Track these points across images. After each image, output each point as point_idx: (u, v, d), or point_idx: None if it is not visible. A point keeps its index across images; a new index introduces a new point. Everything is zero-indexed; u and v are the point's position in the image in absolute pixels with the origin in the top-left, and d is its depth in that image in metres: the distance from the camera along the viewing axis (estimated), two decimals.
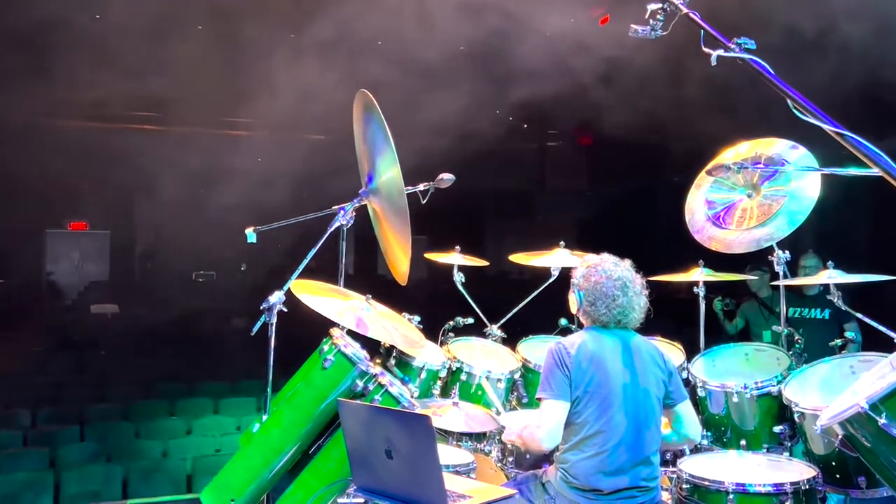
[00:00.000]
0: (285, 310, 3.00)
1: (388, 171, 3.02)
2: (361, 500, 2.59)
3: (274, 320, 2.96)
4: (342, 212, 3.19)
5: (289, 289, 3.14)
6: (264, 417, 2.99)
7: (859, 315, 3.70)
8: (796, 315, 5.92)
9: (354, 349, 3.05)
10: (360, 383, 2.98)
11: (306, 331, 3.35)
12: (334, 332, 3.13)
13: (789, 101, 2.21)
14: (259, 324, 2.95)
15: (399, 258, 3.22)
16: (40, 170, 10.91)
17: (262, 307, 2.94)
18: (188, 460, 7.17)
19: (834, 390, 3.55)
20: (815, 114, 2.13)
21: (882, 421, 2.59)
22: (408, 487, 2.38)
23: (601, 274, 3.20)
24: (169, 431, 8.08)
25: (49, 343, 11.74)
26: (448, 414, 3.62)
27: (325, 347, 3.05)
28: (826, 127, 2.05)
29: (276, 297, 2.98)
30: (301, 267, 3.04)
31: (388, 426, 2.38)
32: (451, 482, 2.65)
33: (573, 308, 3.33)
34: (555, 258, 4.52)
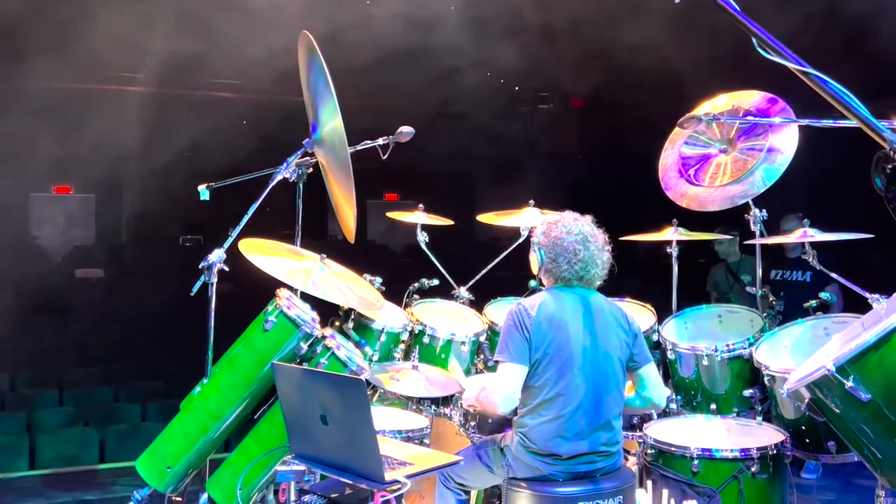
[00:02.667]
0: (226, 269, 2.85)
1: (331, 120, 2.83)
2: (302, 468, 2.46)
3: (214, 280, 2.81)
4: (285, 164, 3.01)
5: (240, 250, 2.99)
6: (205, 381, 2.85)
7: (834, 275, 3.57)
8: (777, 277, 5.80)
9: (299, 311, 2.90)
10: (305, 346, 2.84)
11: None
12: (280, 292, 2.98)
13: (754, 40, 2.04)
14: (198, 284, 2.79)
15: (346, 213, 3.05)
16: (22, 133, 10.69)
17: (200, 266, 2.79)
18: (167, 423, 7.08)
19: (806, 353, 3.43)
20: (780, 52, 1.95)
21: (849, 384, 2.46)
22: (343, 454, 2.25)
23: (561, 229, 3.06)
24: (148, 394, 7.99)
25: (31, 307, 11.62)
26: (407, 378, 3.49)
27: (269, 308, 2.90)
28: (790, 66, 1.88)
29: (216, 256, 2.82)
30: (242, 223, 2.88)
31: (322, 391, 2.25)
32: (395, 449, 2.53)
33: (534, 268, 3.19)
34: (524, 218, 4.35)
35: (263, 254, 3.14)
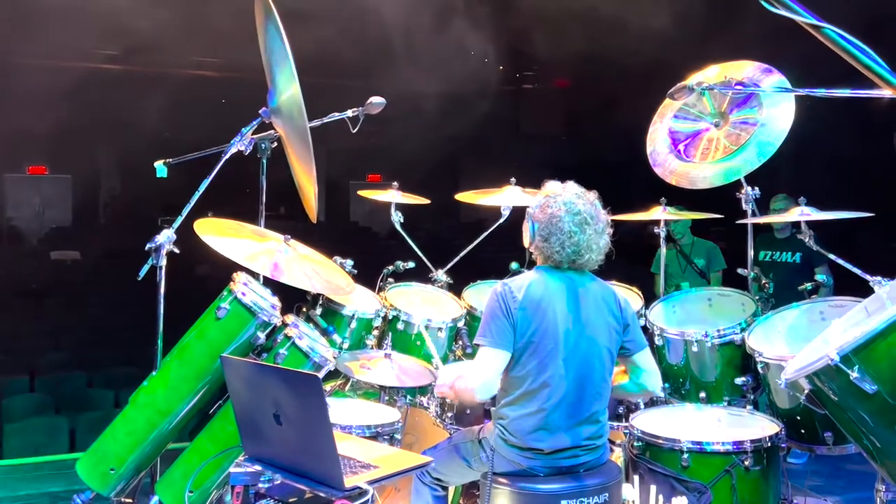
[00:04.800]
0: (177, 251, 2.61)
1: (288, 87, 2.57)
2: (258, 470, 2.24)
3: (163, 263, 2.56)
4: (239, 136, 2.75)
5: (195, 230, 2.76)
6: (154, 374, 2.61)
7: (832, 256, 3.36)
8: (766, 259, 5.64)
9: (255, 297, 2.65)
10: (262, 336, 2.60)
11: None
12: (237, 276, 2.73)
13: None
14: (146, 267, 2.55)
15: (306, 189, 2.80)
16: None
17: (147, 247, 2.54)
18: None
19: (802, 338, 3.25)
20: (787, 4, 1.73)
21: (854, 375, 2.27)
22: (299, 457, 2.03)
23: (560, 206, 2.78)
24: (123, 380, 7.76)
25: (5, 290, 11.32)
26: (379, 367, 3.26)
27: (223, 294, 2.65)
28: (799, 19, 1.65)
29: (165, 237, 2.57)
30: (192, 201, 2.63)
31: (275, 387, 2.02)
32: (359, 449, 2.31)
33: (526, 241, 2.92)
34: (505, 196, 4.11)
35: (221, 234, 2.90)
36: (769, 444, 3.02)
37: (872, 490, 4.87)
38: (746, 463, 2.95)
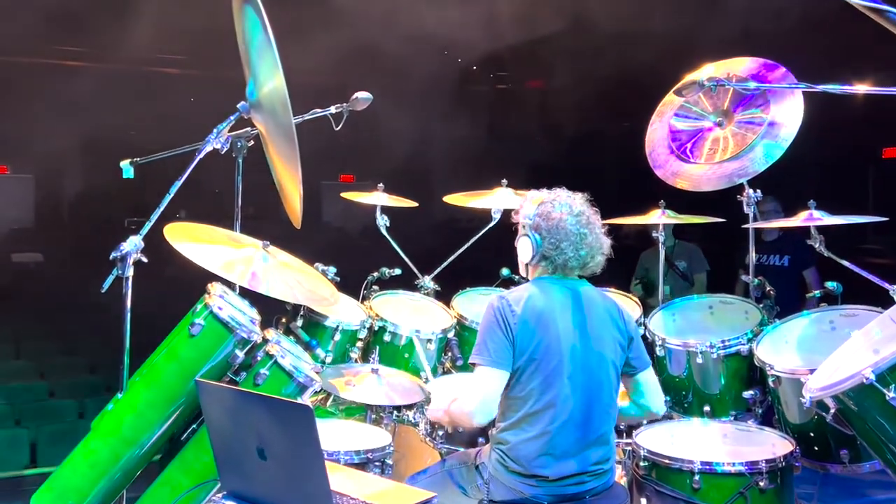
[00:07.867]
0: (144, 260, 2.35)
1: (270, 80, 2.33)
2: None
3: (130, 273, 2.30)
4: (214, 133, 2.50)
5: (164, 236, 2.51)
6: (119, 396, 2.35)
7: (845, 262, 3.20)
8: (755, 261, 5.52)
9: (232, 311, 2.39)
10: (241, 354, 2.35)
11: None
12: (212, 288, 2.47)
13: None
14: (110, 279, 2.29)
15: (290, 192, 2.56)
16: None
17: (111, 256, 2.28)
18: None
19: (813, 350, 3.09)
20: None
21: (890, 395, 2.10)
22: (286, 495, 1.80)
23: (561, 209, 2.58)
24: (87, 390, 7.42)
25: None
26: (365, 383, 3.02)
27: (197, 308, 2.40)
28: (858, 3, 1.46)
29: (131, 245, 2.31)
30: (163, 205, 2.38)
31: (260, 418, 1.78)
32: (351, 482, 2.07)
33: (526, 256, 2.66)
34: (496, 199, 3.90)
35: (194, 241, 2.65)
36: (784, 464, 2.84)
37: (862, 497, 4.71)
38: (761, 484, 2.76)
